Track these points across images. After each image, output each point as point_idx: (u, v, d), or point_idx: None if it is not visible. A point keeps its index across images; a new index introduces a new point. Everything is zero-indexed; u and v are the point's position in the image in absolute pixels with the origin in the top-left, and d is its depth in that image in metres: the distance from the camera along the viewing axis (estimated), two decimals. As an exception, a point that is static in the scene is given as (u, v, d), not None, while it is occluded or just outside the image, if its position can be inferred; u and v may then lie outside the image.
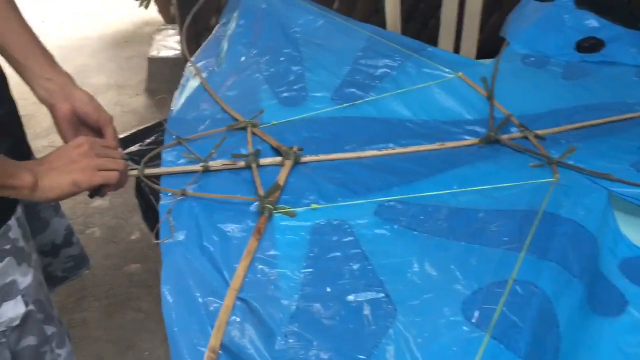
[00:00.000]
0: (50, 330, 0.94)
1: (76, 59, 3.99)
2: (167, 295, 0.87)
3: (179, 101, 1.39)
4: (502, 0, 1.70)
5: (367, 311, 0.82)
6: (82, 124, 0.98)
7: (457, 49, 1.92)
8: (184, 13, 1.55)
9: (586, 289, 0.90)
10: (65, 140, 0.95)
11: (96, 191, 0.90)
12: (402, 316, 0.80)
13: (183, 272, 0.91)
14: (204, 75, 1.46)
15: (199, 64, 1.51)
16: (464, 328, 0.77)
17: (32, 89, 0.95)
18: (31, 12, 1.05)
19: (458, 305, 0.81)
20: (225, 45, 1.53)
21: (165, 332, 0.82)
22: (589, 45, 1.54)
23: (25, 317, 0.86)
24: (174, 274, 0.90)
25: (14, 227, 0.86)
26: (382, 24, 1.87)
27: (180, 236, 0.97)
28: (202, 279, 0.90)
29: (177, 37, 3.47)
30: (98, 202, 2.60)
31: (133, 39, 4.45)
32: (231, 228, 1.00)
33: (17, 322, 0.84)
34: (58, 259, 1.18)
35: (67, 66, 0.99)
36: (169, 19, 4.34)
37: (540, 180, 1.13)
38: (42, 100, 0.95)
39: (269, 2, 1.59)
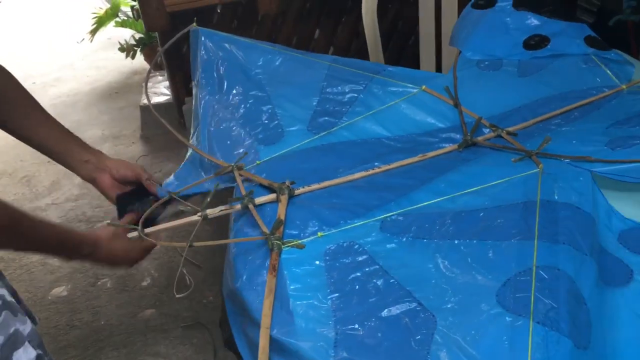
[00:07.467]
0: None
1: (70, 115, 3.90)
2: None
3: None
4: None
5: (406, 323, 0.83)
6: (123, 183, 1.18)
7: (439, 62, 1.97)
8: (170, 58, 1.53)
9: (597, 265, 0.94)
10: (113, 201, 1.18)
11: None
12: (443, 320, 0.82)
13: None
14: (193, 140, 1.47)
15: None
16: (507, 318, 0.79)
17: (74, 171, 1.15)
18: (19, 74, 1.10)
19: (493, 299, 0.83)
20: (197, 101, 1.54)
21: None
22: (535, 42, 1.62)
23: None
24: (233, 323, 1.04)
25: None
26: (364, 46, 1.91)
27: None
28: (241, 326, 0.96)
29: (167, 83, 3.43)
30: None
31: (123, 90, 4.40)
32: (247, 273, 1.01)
33: None
34: None
35: (62, 123, 1.09)
36: (156, 66, 4.35)
37: (527, 173, 1.17)
38: (85, 179, 1.16)
39: (224, 49, 1.60)
